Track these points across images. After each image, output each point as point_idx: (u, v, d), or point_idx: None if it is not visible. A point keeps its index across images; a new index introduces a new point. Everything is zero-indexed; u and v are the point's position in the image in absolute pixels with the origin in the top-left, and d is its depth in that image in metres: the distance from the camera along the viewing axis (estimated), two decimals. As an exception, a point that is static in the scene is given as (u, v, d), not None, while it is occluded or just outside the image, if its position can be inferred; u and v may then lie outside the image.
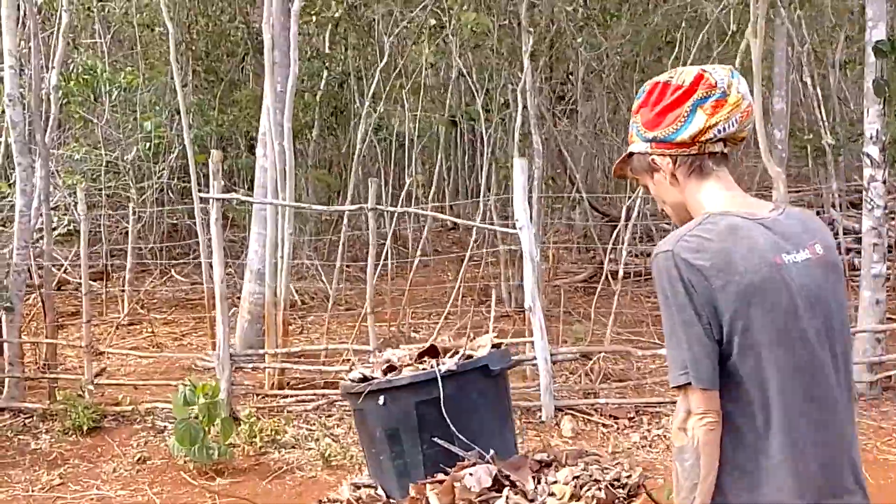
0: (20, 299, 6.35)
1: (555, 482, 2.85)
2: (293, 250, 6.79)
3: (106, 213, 9.51)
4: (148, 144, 8.68)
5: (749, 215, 1.68)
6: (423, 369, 3.17)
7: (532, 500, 2.75)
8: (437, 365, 3.12)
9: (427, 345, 3.39)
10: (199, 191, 6.89)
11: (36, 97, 6.37)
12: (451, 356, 3.20)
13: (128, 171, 9.17)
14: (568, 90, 8.96)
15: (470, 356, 3.18)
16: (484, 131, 8.15)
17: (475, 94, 8.29)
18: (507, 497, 2.73)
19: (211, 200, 5.76)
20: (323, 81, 10.82)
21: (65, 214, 8.85)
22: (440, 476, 2.88)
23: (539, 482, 2.84)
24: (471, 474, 2.79)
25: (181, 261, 10.92)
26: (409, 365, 3.26)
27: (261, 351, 6.21)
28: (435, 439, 3.02)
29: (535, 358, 5.40)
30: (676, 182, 1.76)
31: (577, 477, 2.87)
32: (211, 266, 6.75)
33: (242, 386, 6.07)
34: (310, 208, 5.63)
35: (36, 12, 6.41)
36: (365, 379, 3.19)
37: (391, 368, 3.24)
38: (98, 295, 9.93)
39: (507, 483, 2.81)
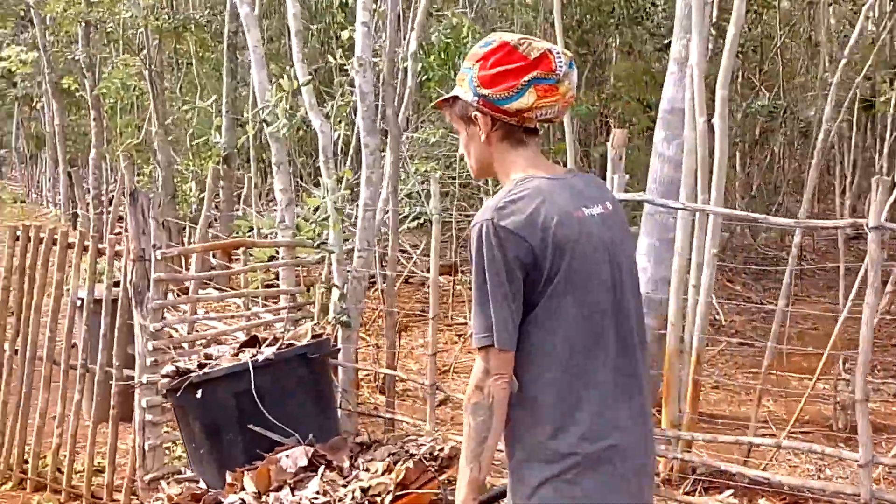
0: (360, 312, 4.94)
1: (371, 459, 2.84)
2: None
3: (457, 204, 8.04)
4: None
5: (551, 176, 1.78)
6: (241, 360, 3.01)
7: (346, 477, 2.73)
8: (256, 355, 2.99)
9: (249, 336, 3.26)
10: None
11: (390, 63, 4.86)
12: (270, 345, 3.11)
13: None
14: None
15: (291, 345, 3.07)
16: None
17: None
18: (322, 475, 2.70)
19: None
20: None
21: (416, 204, 7.50)
22: (258, 462, 2.81)
23: (356, 460, 2.85)
24: (287, 456, 2.75)
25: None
26: (235, 356, 3.11)
27: (668, 433, 4.05)
28: (251, 426, 2.87)
29: None
30: (490, 141, 1.81)
31: (393, 454, 2.88)
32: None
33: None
34: (764, 221, 3.33)
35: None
36: (179, 372, 2.99)
37: (208, 360, 3.07)
38: (444, 293, 8.68)
39: (323, 463, 2.80)
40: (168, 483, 3.31)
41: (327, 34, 7.65)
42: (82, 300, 4.45)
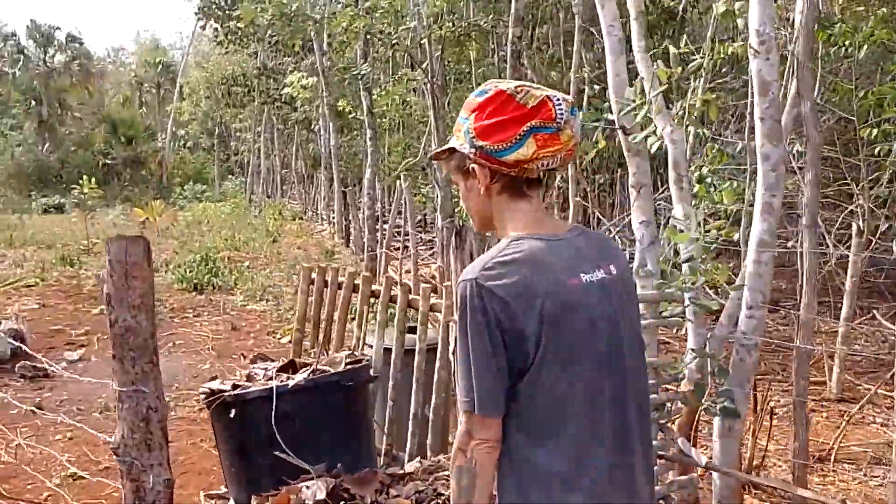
0: (747, 396, 3.42)
1: (397, 496, 2.77)
2: None
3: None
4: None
5: (550, 236, 1.65)
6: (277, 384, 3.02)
7: None
8: (288, 380, 3.02)
9: (287, 360, 3.31)
10: None
11: (806, 36, 3.31)
12: (305, 372, 3.10)
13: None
14: None
15: (324, 372, 3.08)
16: None
17: None
18: None
19: None
20: None
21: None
22: (283, 489, 2.78)
23: (381, 494, 2.78)
24: (307, 487, 2.74)
25: None
26: (270, 379, 3.09)
27: None
28: (276, 453, 2.86)
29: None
30: (489, 194, 1.70)
31: (420, 491, 2.79)
32: None
33: None
34: None
35: None
36: (213, 392, 3.02)
37: (249, 381, 3.11)
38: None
39: (345, 496, 2.75)
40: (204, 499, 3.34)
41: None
42: (388, 350, 3.49)
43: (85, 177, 18.98)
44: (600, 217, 13.27)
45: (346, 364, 3.11)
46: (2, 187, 31.20)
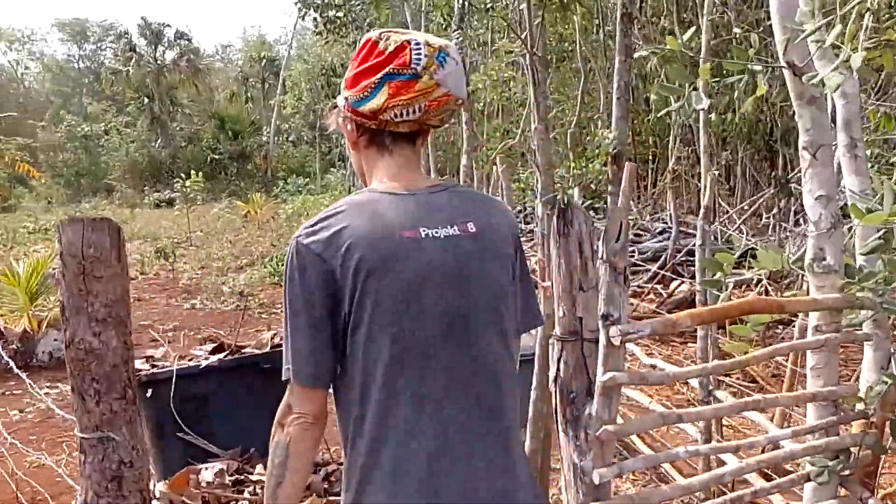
0: None
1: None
2: None
3: None
4: None
5: (399, 191, 1.53)
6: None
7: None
8: (200, 361, 2.88)
9: (217, 343, 3.26)
10: None
11: None
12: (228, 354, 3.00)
13: None
14: None
15: (243, 354, 2.95)
16: None
17: None
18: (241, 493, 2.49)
19: None
20: None
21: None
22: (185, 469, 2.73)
23: None
24: (207, 468, 2.61)
25: None
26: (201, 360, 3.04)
27: None
28: (180, 434, 2.75)
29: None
30: (357, 149, 1.62)
31: (331, 473, 2.64)
32: None
33: None
34: None
35: None
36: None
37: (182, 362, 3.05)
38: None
39: (251, 479, 2.59)
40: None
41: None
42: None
43: (192, 171, 19.27)
44: (720, 202, 12.08)
45: (273, 347, 2.93)
46: (117, 183, 32.60)
